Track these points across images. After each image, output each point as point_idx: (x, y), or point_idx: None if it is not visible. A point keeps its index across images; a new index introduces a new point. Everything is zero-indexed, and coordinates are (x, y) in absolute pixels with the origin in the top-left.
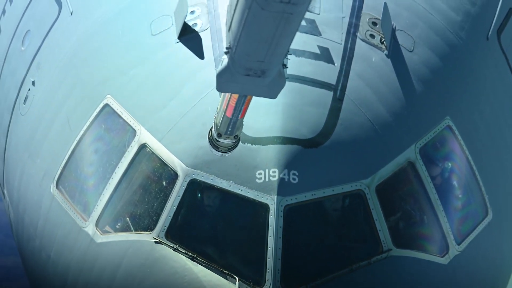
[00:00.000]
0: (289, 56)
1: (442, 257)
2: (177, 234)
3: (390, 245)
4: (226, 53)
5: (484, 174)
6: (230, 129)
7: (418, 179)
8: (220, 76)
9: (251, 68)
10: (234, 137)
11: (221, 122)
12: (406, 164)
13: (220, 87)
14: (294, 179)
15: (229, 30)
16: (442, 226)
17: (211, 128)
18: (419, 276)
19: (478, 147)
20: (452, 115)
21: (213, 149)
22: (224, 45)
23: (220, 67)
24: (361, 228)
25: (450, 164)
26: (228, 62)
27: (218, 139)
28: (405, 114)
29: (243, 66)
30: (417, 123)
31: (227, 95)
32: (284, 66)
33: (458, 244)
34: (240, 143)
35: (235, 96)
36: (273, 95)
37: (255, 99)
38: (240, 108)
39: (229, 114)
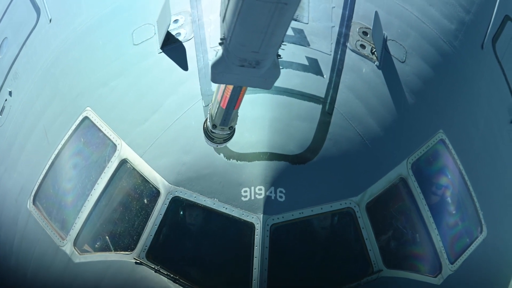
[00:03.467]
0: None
1: (435, 277)
2: (158, 255)
3: (380, 265)
4: (220, 44)
5: (479, 190)
6: (225, 120)
7: (410, 196)
8: (215, 67)
9: (245, 59)
10: (229, 128)
11: (216, 113)
12: (398, 180)
13: (215, 78)
14: (281, 197)
15: (223, 21)
16: (435, 245)
17: (206, 120)
18: None
19: (473, 161)
20: (446, 128)
21: (208, 141)
22: (208, 56)
23: (214, 58)
24: (350, 248)
25: (443, 180)
26: (222, 53)
27: (213, 131)
28: (396, 128)
29: (237, 57)
30: (409, 137)
31: (222, 86)
32: (279, 56)
33: (452, 263)
34: (225, 159)
35: (230, 87)
36: (268, 86)
37: (241, 115)
38: (235, 99)
39: (223, 105)
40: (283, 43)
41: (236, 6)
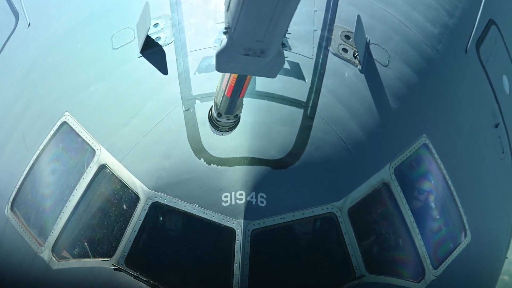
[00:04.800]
0: None
1: (418, 282)
2: (137, 261)
3: (363, 271)
4: (225, 33)
5: (462, 194)
6: (230, 108)
7: (393, 200)
8: (219, 56)
9: (250, 48)
10: (234, 116)
11: (221, 102)
12: (381, 185)
13: (220, 67)
14: (262, 202)
15: (227, 10)
16: (418, 250)
17: (211, 108)
18: None
19: (456, 165)
20: (429, 132)
21: (214, 129)
22: (189, 60)
23: (219, 47)
24: (332, 253)
25: (426, 185)
26: (227, 42)
27: (218, 119)
28: (379, 132)
29: (242, 46)
30: (392, 142)
31: (227, 75)
32: (283, 45)
33: (435, 269)
34: (205, 164)
35: (235, 76)
36: (272, 75)
37: None
38: (240, 87)
39: (228, 94)
40: (288, 31)
41: None
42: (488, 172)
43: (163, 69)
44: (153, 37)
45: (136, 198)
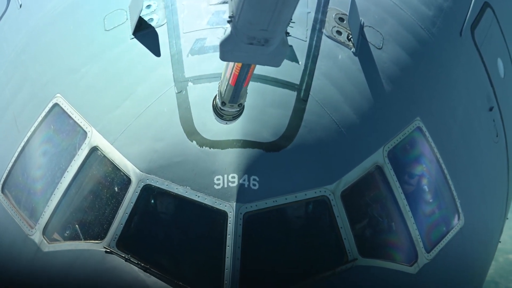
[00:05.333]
0: None
1: (411, 266)
2: (129, 243)
3: (355, 254)
4: (229, 22)
5: (456, 178)
6: (234, 97)
7: (386, 184)
8: (223, 45)
9: (254, 37)
10: (238, 105)
11: (225, 91)
12: (374, 169)
13: (224, 56)
14: (254, 185)
15: None
16: (411, 233)
17: (215, 97)
18: (386, 287)
19: (450, 149)
20: (423, 115)
21: (218, 118)
22: (181, 42)
23: (223, 36)
24: (325, 236)
25: (420, 168)
26: (231, 31)
27: (222, 108)
28: (373, 115)
29: (246, 34)
30: (385, 125)
31: (231, 63)
32: (287, 34)
33: (428, 252)
34: (197, 146)
35: (239, 64)
36: (276, 63)
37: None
38: (244, 76)
39: (233, 82)
40: (292, 20)
41: None
42: (482, 155)
43: (156, 51)
44: (146, 18)
45: (128, 180)
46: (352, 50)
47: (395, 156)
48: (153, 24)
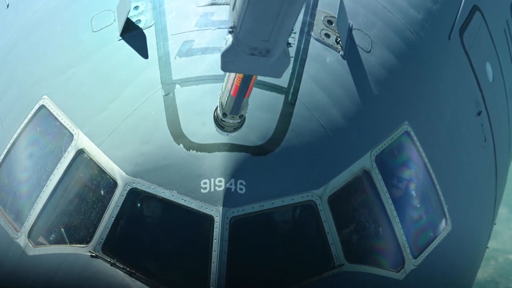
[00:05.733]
0: None
1: (398, 272)
2: (115, 248)
3: (342, 259)
4: (230, 32)
5: (444, 183)
6: (235, 108)
7: (374, 189)
8: (225, 55)
9: (255, 48)
10: (240, 116)
11: (226, 102)
12: (361, 173)
13: (225, 67)
14: (241, 189)
15: (233, 9)
16: (398, 239)
17: (217, 108)
18: None
19: (438, 154)
20: (411, 119)
21: (219, 129)
22: (169, 44)
23: (224, 47)
24: (312, 241)
25: (407, 173)
26: (232, 42)
27: (223, 119)
28: (361, 119)
29: (247, 45)
30: (373, 129)
31: (232, 74)
32: (289, 45)
33: (415, 258)
34: (184, 150)
35: (240, 75)
36: (278, 74)
37: (201, 105)
38: (246, 87)
39: (234, 93)
40: (293, 31)
41: None
42: (470, 160)
43: (143, 53)
44: (133, 20)
45: (114, 184)
46: (340, 53)
47: (383, 161)
48: (140, 25)
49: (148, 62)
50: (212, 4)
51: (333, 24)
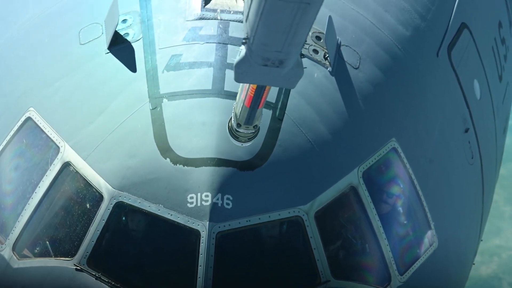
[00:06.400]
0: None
1: None
2: (100, 261)
3: (328, 275)
4: (243, 43)
5: (431, 200)
6: (249, 119)
7: (361, 205)
8: (238, 66)
9: (269, 58)
10: (254, 126)
11: (240, 112)
12: (348, 189)
13: (238, 78)
14: (227, 204)
15: (246, 20)
16: (385, 255)
17: (231, 119)
18: None
19: (425, 170)
20: (398, 136)
21: (233, 140)
22: (157, 58)
23: (237, 58)
24: (298, 257)
25: (394, 189)
26: (245, 53)
27: (237, 129)
28: (348, 135)
29: (261, 56)
30: (361, 145)
31: (246, 85)
32: (302, 55)
33: (401, 275)
34: (171, 164)
35: (254, 86)
36: (291, 85)
37: (188, 119)
38: (259, 98)
39: (248, 104)
40: (306, 42)
41: (259, 6)
42: (457, 177)
43: (131, 66)
44: (122, 33)
45: (100, 197)
46: (328, 69)
47: (370, 177)
48: (128, 38)
49: (136, 75)
50: (200, 18)
51: (322, 40)
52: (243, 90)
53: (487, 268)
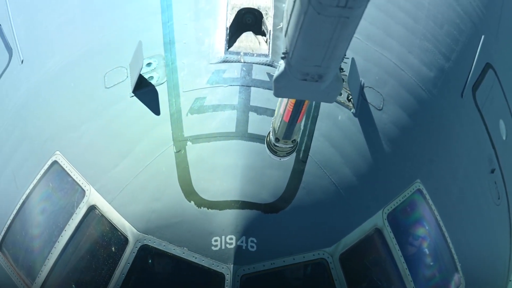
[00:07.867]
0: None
1: None
2: None
3: None
4: (283, 58)
5: (457, 241)
6: (287, 133)
7: (386, 247)
8: (277, 81)
9: (308, 73)
10: (292, 141)
11: (279, 127)
12: (373, 231)
13: (277, 93)
14: (252, 246)
15: (285, 35)
16: None
17: (269, 133)
18: None
19: (450, 212)
20: (423, 178)
21: (272, 154)
22: (181, 101)
23: (277, 73)
24: None
25: (420, 231)
26: (285, 67)
27: (276, 144)
28: (372, 177)
29: (300, 71)
30: (385, 187)
31: (284, 100)
32: (341, 70)
33: None
34: (195, 207)
35: (292, 101)
36: (330, 100)
37: (212, 162)
38: (298, 112)
39: (286, 119)
40: (346, 56)
41: (298, 20)
42: (483, 218)
43: (155, 109)
44: (146, 76)
45: (125, 240)
46: (352, 110)
47: (395, 219)
48: (153, 82)
49: (160, 118)
50: (224, 61)
51: (345, 82)
52: (282, 105)
53: None
